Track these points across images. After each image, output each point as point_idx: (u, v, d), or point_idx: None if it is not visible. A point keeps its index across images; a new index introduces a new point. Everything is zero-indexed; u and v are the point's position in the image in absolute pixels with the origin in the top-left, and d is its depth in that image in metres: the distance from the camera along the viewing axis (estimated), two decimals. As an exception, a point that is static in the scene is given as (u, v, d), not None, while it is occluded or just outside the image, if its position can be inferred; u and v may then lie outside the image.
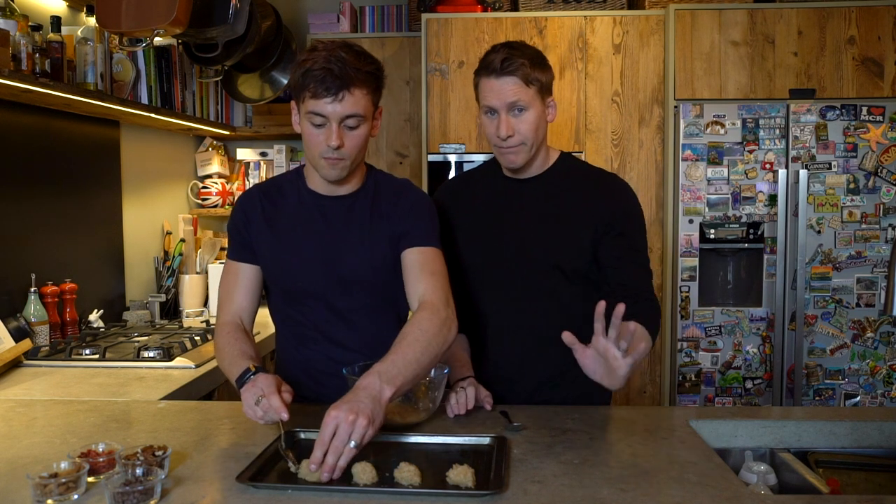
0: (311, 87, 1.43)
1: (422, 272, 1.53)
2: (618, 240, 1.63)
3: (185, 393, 1.95)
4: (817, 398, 3.02)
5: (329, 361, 1.62)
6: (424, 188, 3.19)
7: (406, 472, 1.16)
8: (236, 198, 3.58)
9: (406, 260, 1.57)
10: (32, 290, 2.31)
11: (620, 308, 1.28)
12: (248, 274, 1.63)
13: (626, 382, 1.35)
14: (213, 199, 3.56)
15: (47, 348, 2.25)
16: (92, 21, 2.52)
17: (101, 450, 1.24)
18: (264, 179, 2.62)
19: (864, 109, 2.96)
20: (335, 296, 1.61)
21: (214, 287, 3.09)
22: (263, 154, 3.68)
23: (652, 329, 1.51)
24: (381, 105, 1.56)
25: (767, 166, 2.99)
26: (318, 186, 1.61)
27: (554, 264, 1.65)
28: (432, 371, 1.53)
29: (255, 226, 1.62)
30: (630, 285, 1.59)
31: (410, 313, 1.60)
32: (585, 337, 1.58)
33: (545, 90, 1.60)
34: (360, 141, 1.50)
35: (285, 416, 1.30)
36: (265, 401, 1.32)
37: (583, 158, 3.13)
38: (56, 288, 2.40)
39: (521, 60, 1.55)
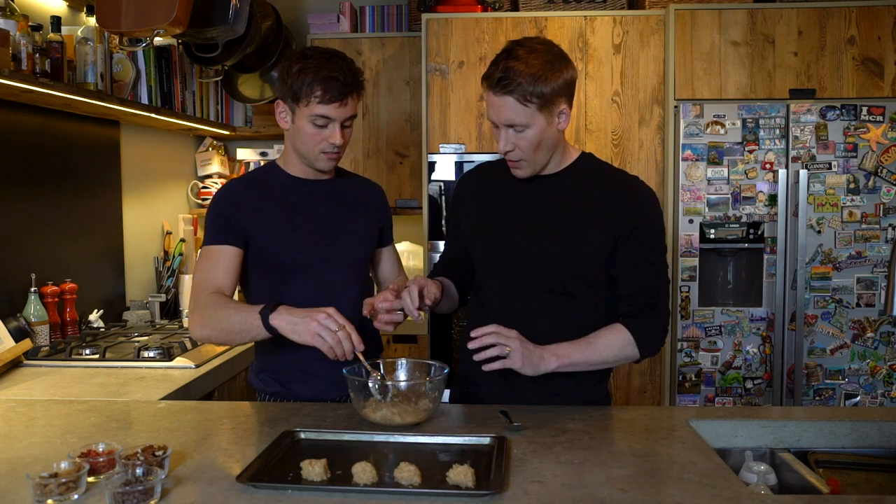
0: (319, 94, 1.60)
1: (400, 267, 1.96)
2: (637, 248, 1.58)
3: (185, 393, 1.95)
4: (817, 398, 3.02)
5: None
6: (424, 188, 3.20)
7: (406, 472, 1.17)
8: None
9: (384, 256, 1.92)
10: (32, 290, 2.31)
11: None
12: (229, 255, 1.68)
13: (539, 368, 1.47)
14: (213, 199, 3.56)
15: (47, 348, 2.26)
16: (92, 21, 2.52)
17: (101, 450, 1.24)
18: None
19: (864, 109, 2.96)
20: (325, 269, 1.73)
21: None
22: (263, 154, 3.68)
23: (644, 344, 1.55)
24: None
25: (767, 166, 2.99)
26: (298, 173, 1.77)
27: (561, 265, 1.60)
28: (432, 371, 1.53)
29: (241, 210, 1.70)
30: (643, 292, 1.58)
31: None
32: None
33: (551, 101, 1.49)
34: (351, 136, 1.73)
35: (362, 346, 1.47)
36: (342, 333, 1.44)
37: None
38: (56, 288, 2.40)
39: (519, 80, 1.45)
